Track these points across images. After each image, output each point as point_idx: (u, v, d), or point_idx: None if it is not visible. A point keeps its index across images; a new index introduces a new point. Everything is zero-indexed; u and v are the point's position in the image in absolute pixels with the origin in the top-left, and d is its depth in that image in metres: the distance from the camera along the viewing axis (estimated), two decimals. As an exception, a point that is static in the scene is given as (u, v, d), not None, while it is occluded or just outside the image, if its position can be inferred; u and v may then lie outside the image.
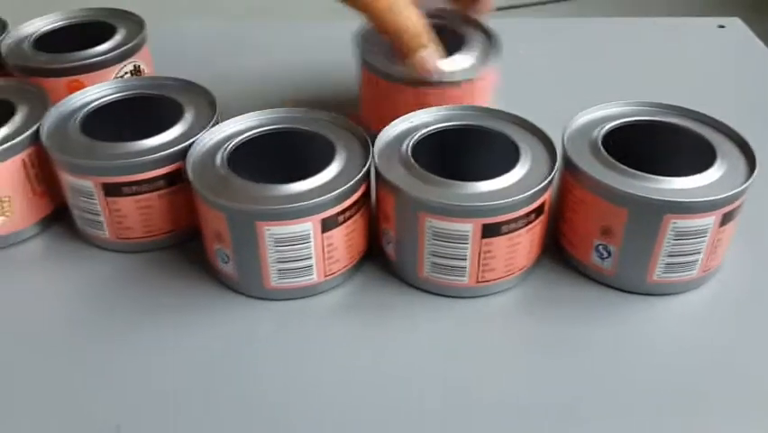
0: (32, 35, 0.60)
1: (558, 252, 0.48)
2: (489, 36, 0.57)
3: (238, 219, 0.42)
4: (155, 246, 0.49)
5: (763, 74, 0.71)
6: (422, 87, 0.51)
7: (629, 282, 0.44)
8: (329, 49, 0.71)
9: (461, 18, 0.58)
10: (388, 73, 0.52)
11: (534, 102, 0.61)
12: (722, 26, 0.79)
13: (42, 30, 0.61)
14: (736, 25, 0.80)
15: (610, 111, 0.48)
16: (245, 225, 0.42)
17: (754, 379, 0.40)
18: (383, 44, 0.53)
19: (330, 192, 0.41)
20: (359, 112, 0.58)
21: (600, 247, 0.44)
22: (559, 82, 0.68)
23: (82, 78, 0.56)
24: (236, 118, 0.48)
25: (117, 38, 0.59)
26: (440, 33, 0.57)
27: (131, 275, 0.47)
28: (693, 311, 0.44)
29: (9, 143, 0.46)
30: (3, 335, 0.43)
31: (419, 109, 0.49)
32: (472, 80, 0.53)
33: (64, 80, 0.56)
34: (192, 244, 0.49)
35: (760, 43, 0.76)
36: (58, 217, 0.51)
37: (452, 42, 0.54)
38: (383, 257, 0.47)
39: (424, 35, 0.49)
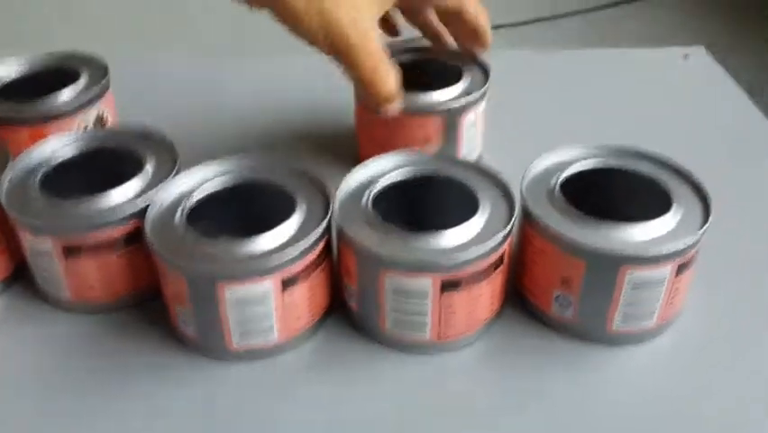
0: None
1: (520, 300, 0.48)
2: (483, 69, 0.59)
3: (197, 281, 0.41)
4: (117, 306, 0.48)
5: (726, 103, 0.72)
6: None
7: (590, 332, 0.44)
8: (304, 84, 0.71)
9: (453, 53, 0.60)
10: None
11: (496, 142, 0.62)
12: (687, 55, 0.80)
13: (3, 77, 0.61)
14: (700, 54, 0.81)
15: (569, 155, 0.49)
16: (205, 286, 0.41)
17: (715, 427, 0.40)
18: None
19: (290, 250, 0.41)
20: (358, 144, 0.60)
21: (560, 297, 0.44)
22: (521, 119, 0.68)
23: (45, 127, 0.56)
24: (195, 169, 0.48)
25: (80, 84, 0.59)
26: (425, 67, 0.58)
27: (92, 337, 0.47)
28: (654, 361, 0.44)
29: (-35, 206, 0.45)
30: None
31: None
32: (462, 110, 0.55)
33: (27, 130, 0.56)
34: (155, 302, 0.48)
35: (723, 72, 0.77)
36: (18, 276, 0.51)
37: (443, 75, 0.56)
38: (347, 310, 0.47)
39: (394, 97, 0.49)
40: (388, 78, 0.48)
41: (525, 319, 0.47)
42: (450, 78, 0.58)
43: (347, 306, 0.47)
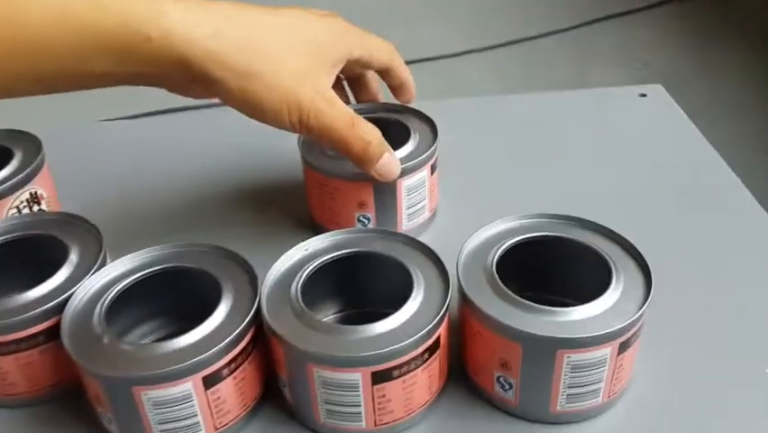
0: None
1: (464, 378, 0.46)
2: (432, 129, 0.58)
3: (114, 385, 0.39)
4: (41, 400, 0.46)
5: (680, 142, 0.71)
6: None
7: (533, 413, 0.42)
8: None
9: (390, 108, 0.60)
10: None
11: (449, 199, 0.60)
12: (644, 95, 0.79)
13: None
14: (658, 93, 0.79)
15: (506, 226, 0.47)
16: (122, 390, 0.39)
17: None
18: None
19: (210, 348, 0.39)
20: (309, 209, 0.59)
21: (501, 379, 0.42)
22: (476, 170, 0.66)
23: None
24: (120, 260, 0.46)
25: (13, 164, 0.57)
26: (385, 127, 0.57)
27: (16, 434, 0.45)
28: (602, 439, 0.42)
29: None
30: None
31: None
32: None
33: None
34: (81, 395, 0.46)
35: (680, 111, 0.76)
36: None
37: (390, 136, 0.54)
38: (281, 397, 0.45)
39: (383, 143, 0.50)
40: (369, 130, 0.49)
41: (469, 397, 0.45)
42: (397, 139, 0.56)
43: (282, 393, 0.44)
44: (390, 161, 0.51)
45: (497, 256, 0.44)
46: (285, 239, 0.58)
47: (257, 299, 0.42)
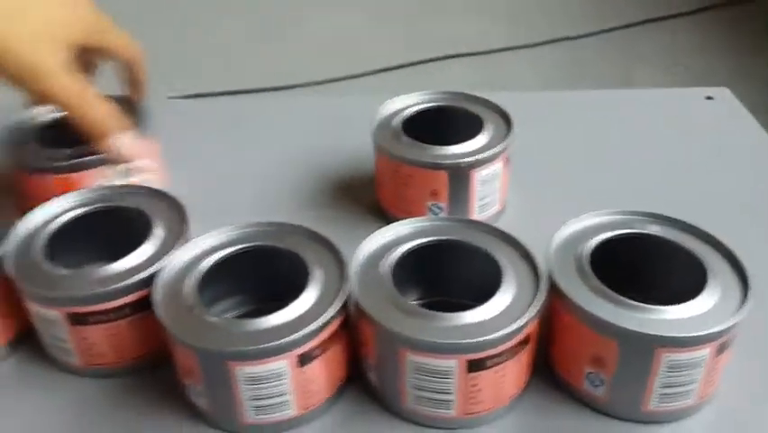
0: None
1: (549, 372, 0.45)
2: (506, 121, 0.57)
3: (209, 359, 0.39)
4: (127, 372, 0.46)
5: (751, 145, 0.70)
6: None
7: (623, 411, 0.42)
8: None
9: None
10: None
11: (516, 195, 0.60)
12: (710, 97, 0.78)
13: (34, 123, 0.59)
14: (724, 96, 0.78)
15: (595, 221, 0.47)
16: (217, 364, 0.39)
17: None
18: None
19: (305, 327, 0.39)
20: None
21: (592, 375, 0.42)
22: (544, 168, 0.66)
23: (73, 176, 0.54)
24: (205, 236, 0.46)
25: None
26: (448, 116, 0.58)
27: (101, 403, 0.45)
28: (692, 440, 0.42)
29: (-29, 271, 0.44)
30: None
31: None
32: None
33: (54, 178, 0.54)
34: (164, 367, 0.46)
35: (748, 114, 0.75)
36: (26, 339, 0.49)
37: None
38: (365, 381, 0.45)
39: (115, 120, 0.50)
40: (99, 105, 0.49)
41: (554, 393, 0.44)
42: (472, 129, 0.56)
43: (365, 377, 0.44)
44: (123, 141, 0.51)
45: (589, 249, 0.43)
46: (354, 226, 0.59)
47: (347, 282, 0.42)
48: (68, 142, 0.54)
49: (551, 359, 0.45)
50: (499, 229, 0.46)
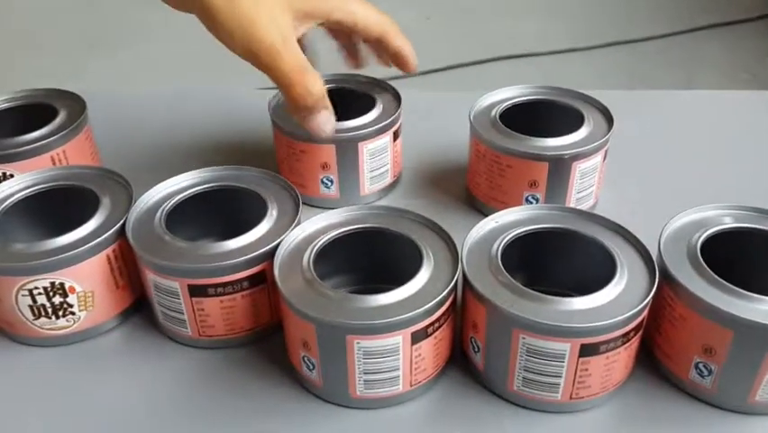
0: None
1: (650, 362, 0.46)
2: (607, 117, 0.58)
3: (327, 332, 0.41)
4: (236, 343, 0.48)
5: None
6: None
7: (729, 401, 0.42)
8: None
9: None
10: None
11: (625, 191, 0.60)
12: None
13: None
14: None
15: (707, 214, 0.47)
16: (335, 337, 0.41)
17: None
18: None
19: (420, 306, 0.40)
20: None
21: (701, 365, 0.42)
22: (637, 163, 0.66)
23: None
24: (319, 217, 0.48)
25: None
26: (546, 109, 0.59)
27: (211, 373, 0.47)
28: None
29: (96, 241, 0.46)
30: (80, 428, 0.43)
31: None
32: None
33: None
34: (272, 340, 0.48)
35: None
36: (137, 310, 0.51)
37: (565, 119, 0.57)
38: (468, 363, 0.46)
39: (324, 98, 0.49)
40: (311, 80, 0.47)
41: (657, 382, 0.45)
42: (572, 123, 0.57)
43: (469, 359, 0.45)
44: (327, 118, 0.50)
45: (701, 240, 0.44)
46: (446, 214, 0.60)
47: (459, 264, 0.43)
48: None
49: (655, 348, 0.45)
50: (613, 222, 0.47)
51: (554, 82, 0.64)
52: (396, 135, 0.60)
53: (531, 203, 0.56)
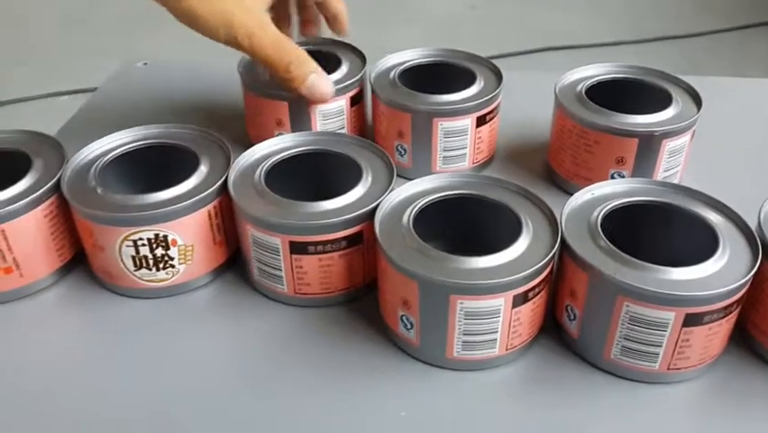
0: None
1: (742, 337, 0.46)
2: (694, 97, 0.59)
3: (431, 290, 0.42)
4: (329, 303, 0.49)
5: None
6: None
7: (829, 380, 0.42)
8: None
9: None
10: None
11: (710, 172, 0.60)
12: None
13: None
14: None
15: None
16: (438, 296, 0.42)
17: None
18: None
19: (522, 270, 0.41)
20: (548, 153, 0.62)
21: (800, 342, 0.42)
22: (732, 145, 0.66)
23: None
24: (417, 181, 0.49)
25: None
26: (633, 87, 0.59)
27: (306, 331, 0.48)
28: None
29: (199, 196, 0.47)
30: (173, 384, 0.44)
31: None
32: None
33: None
34: (364, 300, 0.49)
35: None
36: (229, 266, 0.52)
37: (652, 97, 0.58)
38: (561, 331, 0.46)
39: (310, 62, 0.55)
40: (290, 52, 0.53)
41: (748, 356, 0.45)
42: (659, 102, 0.57)
43: (563, 327, 0.46)
44: (318, 81, 0.55)
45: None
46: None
47: (560, 230, 0.44)
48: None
49: (748, 323, 0.45)
50: (708, 195, 0.47)
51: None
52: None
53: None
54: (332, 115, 0.60)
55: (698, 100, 0.57)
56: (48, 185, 0.48)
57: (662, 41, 2.24)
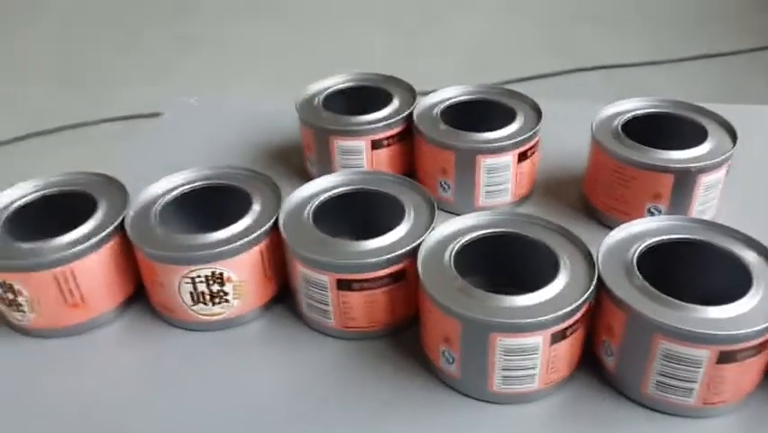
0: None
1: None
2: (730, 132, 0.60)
3: (472, 328, 0.44)
4: (374, 336, 0.51)
5: None
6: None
7: None
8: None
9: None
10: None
11: (744, 205, 0.61)
12: None
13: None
14: None
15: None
16: (479, 334, 0.44)
17: None
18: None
19: (560, 308, 0.43)
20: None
21: (836, 379, 0.43)
22: (756, 180, 0.67)
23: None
24: (456, 219, 0.51)
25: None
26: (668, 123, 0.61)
27: (352, 363, 0.50)
28: None
29: (252, 236, 0.50)
30: (227, 413, 0.47)
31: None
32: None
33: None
34: (406, 334, 0.51)
35: None
36: (278, 300, 0.55)
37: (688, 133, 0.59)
38: (597, 365, 0.48)
39: None
40: None
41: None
42: (695, 137, 0.58)
43: (600, 360, 0.47)
44: None
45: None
46: (565, 224, 0.62)
47: (596, 269, 0.45)
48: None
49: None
50: (741, 232, 0.48)
51: (642, 94, 0.65)
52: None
53: (653, 214, 0.58)
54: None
55: (733, 134, 0.58)
56: (112, 227, 0.51)
57: (701, 59, 2.23)
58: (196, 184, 0.57)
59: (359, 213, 0.55)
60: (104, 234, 0.51)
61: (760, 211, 0.62)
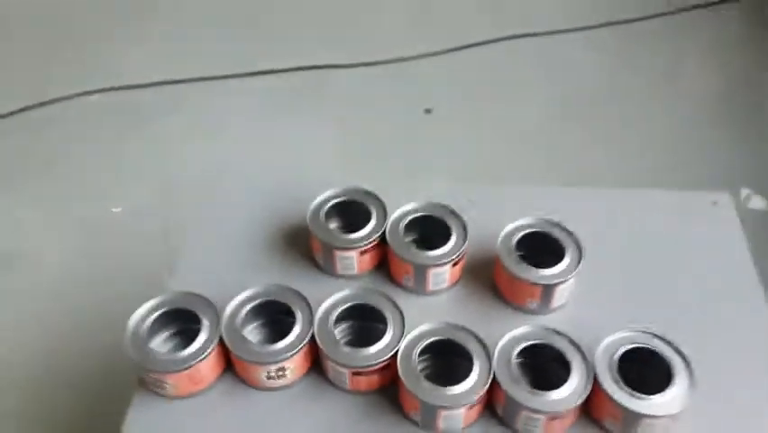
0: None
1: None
2: (579, 251, 0.98)
3: (425, 406, 0.83)
4: (370, 392, 0.91)
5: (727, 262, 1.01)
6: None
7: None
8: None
9: None
10: None
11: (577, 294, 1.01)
12: (715, 202, 1.11)
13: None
14: (725, 201, 1.10)
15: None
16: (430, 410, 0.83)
17: None
18: None
19: (564, 406, 0.82)
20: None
21: None
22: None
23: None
24: (418, 328, 0.89)
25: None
26: (541, 242, 0.98)
27: (362, 413, 0.90)
28: None
29: (299, 347, 0.88)
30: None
31: None
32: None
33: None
34: (392, 390, 0.91)
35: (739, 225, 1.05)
36: (314, 367, 0.93)
37: (552, 252, 0.96)
38: None
39: None
40: None
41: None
42: (556, 256, 0.96)
43: None
44: None
45: None
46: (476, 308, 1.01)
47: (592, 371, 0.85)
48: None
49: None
50: (571, 337, 0.88)
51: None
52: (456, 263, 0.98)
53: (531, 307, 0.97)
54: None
55: (580, 251, 0.96)
56: (215, 342, 0.88)
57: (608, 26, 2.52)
58: (260, 300, 0.93)
59: (364, 320, 0.92)
60: (212, 346, 0.87)
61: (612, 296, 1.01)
